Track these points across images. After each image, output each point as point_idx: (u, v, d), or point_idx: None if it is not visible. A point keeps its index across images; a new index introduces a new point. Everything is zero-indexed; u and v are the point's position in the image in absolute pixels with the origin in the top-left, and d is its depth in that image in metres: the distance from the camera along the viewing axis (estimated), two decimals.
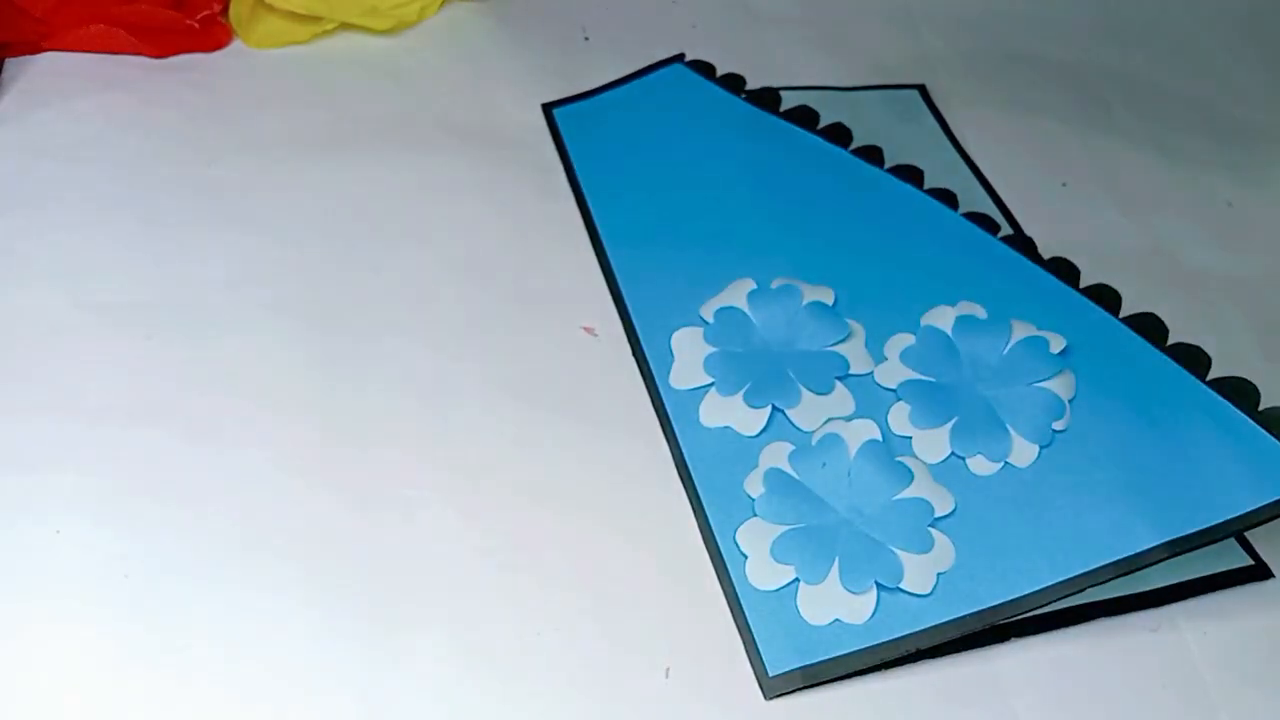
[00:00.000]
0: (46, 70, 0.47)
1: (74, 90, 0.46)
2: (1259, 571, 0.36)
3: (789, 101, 0.49)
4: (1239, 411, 0.37)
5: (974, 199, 0.48)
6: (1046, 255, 0.47)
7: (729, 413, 0.39)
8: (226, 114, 0.47)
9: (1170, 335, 0.45)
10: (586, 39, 0.54)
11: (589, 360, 0.41)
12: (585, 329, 0.42)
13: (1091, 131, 0.54)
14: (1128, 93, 0.56)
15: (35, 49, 0.47)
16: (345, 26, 0.51)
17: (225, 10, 0.50)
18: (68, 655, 0.31)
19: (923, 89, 0.53)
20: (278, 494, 0.35)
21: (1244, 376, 0.38)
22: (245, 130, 0.46)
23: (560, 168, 0.47)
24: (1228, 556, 0.36)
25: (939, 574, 0.34)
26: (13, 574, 0.32)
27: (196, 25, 0.48)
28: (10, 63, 0.47)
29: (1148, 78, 0.58)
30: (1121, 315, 0.40)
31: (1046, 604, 0.34)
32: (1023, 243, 0.42)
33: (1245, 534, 0.37)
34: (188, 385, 0.38)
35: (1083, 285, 0.42)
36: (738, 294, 0.41)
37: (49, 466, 0.35)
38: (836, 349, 0.40)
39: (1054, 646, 0.34)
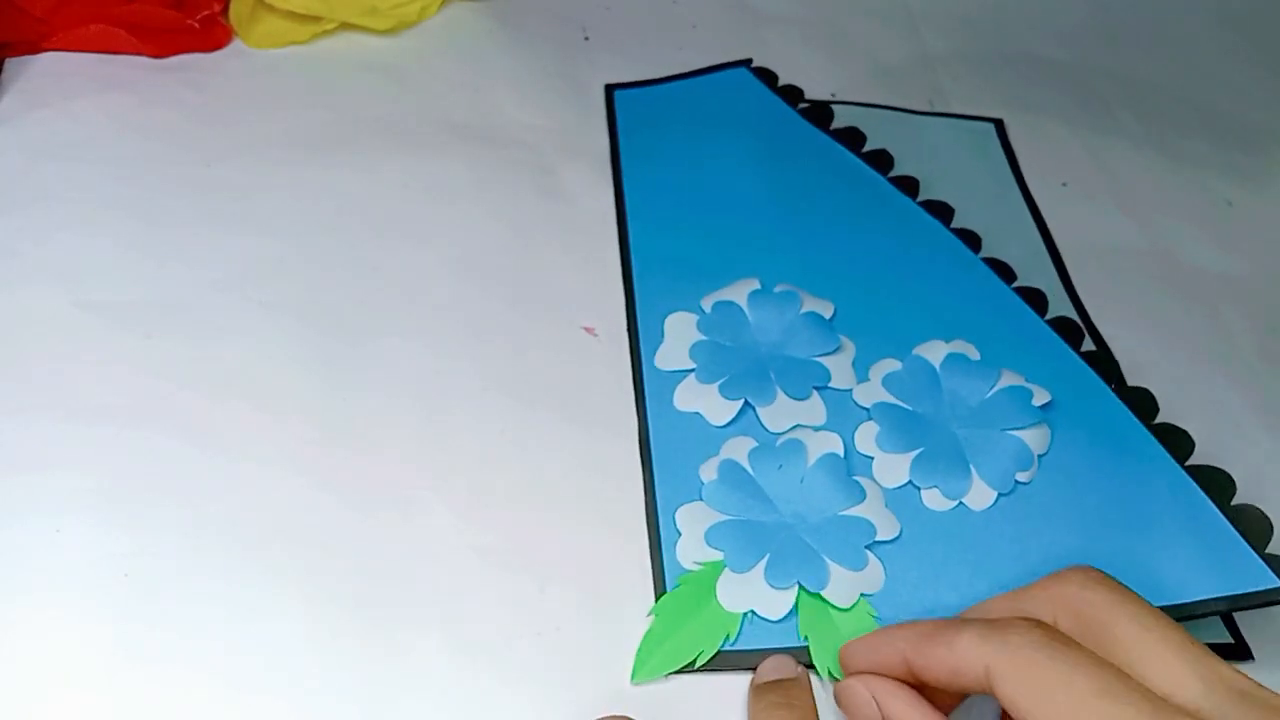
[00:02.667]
0: (46, 70, 0.47)
1: (74, 90, 0.46)
2: (1238, 651, 0.36)
3: (855, 117, 0.50)
4: (1210, 502, 0.36)
5: (1031, 253, 0.47)
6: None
7: (702, 399, 0.39)
8: (226, 114, 0.47)
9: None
10: (586, 39, 0.54)
11: (589, 360, 0.41)
12: (586, 329, 0.42)
13: (1091, 131, 0.54)
14: (1128, 93, 0.56)
15: (35, 49, 0.47)
16: (345, 26, 0.51)
17: (225, 10, 0.50)
18: (67, 654, 0.31)
19: (1000, 123, 0.53)
20: (277, 493, 0.35)
21: (1222, 467, 0.37)
22: (245, 130, 0.46)
23: (559, 169, 0.47)
24: (1207, 630, 0.36)
25: (863, 594, 0.34)
26: (12, 573, 0.32)
27: (196, 25, 0.48)
28: (10, 63, 0.47)
29: (1148, 78, 0.58)
30: (1115, 386, 0.40)
31: None
32: (1069, 327, 0.42)
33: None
34: (188, 384, 0.38)
35: (1081, 345, 0.42)
36: (739, 291, 0.42)
37: (49, 466, 0.35)
38: (822, 360, 0.40)
39: None
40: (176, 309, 0.40)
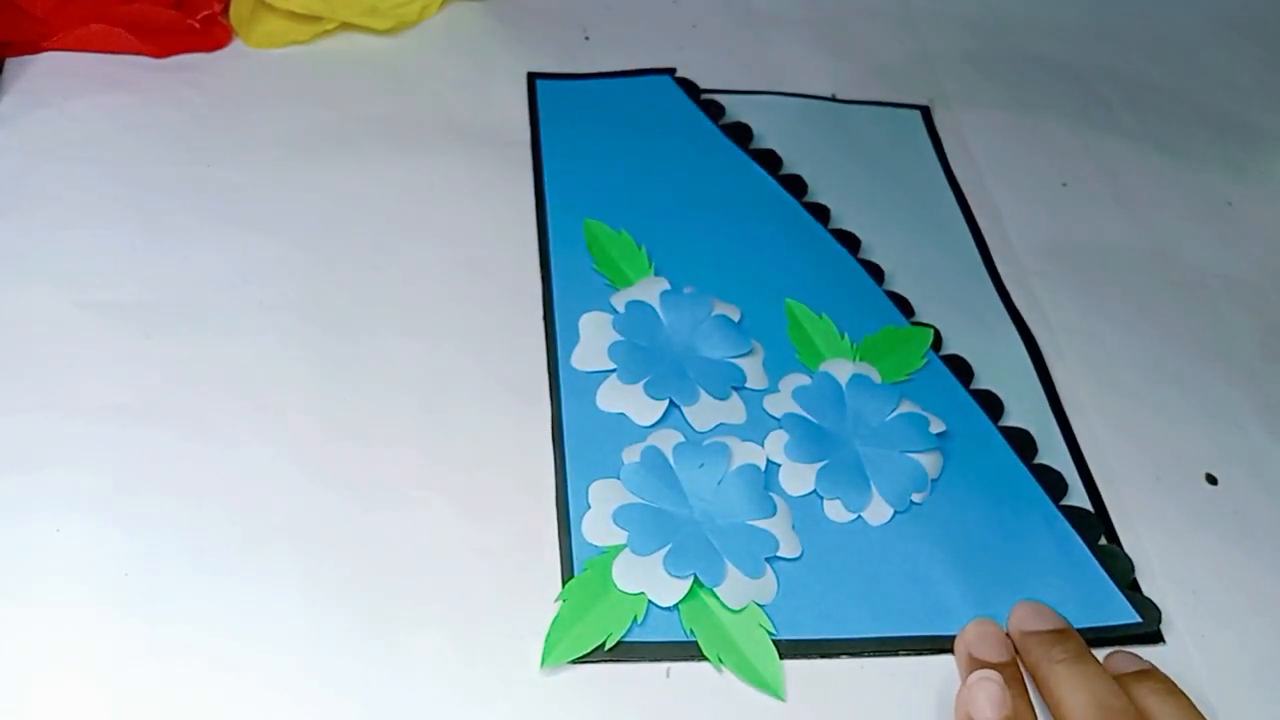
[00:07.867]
0: (46, 70, 0.47)
1: (74, 90, 0.46)
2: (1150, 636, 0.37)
3: (786, 108, 0.51)
4: (1080, 541, 0.38)
5: (960, 258, 0.47)
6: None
7: (627, 400, 0.39)
8: (226, 114, 0.47)
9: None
10: (586, 39, 0.54)
11: None
12: None
13: (1091, 131, 0.54)
14: (1128, 93, 0.57)
15: (35, 49, 0.47)
16: (345, 26, 0.51)
17: (225, 10, 0.50)
18: (68, 653, 0.31)
19: (926, 110, 0.53)
20: (278, 492, 0.35)
21: (1088, 510, 0.39)
22: (245, 130, 0.46)
23: None
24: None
25: (753, 601, 0.35)
26: (12, 573, 0.32)
27: (197, 25, 0.48)
28: (10, 63, 0.47)
29: (1148, 78, 0.58)
30: (1000, 424, 0.42)
31: (854, 654, 0.35)
32: (959, 364, 0.43)
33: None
34: (188, 384, 0.38)
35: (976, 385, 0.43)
36: (650, 291, 0.42)
37: (49, 465, 0.35)
38: (736, 361, 0.41)
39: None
40: (176, 309, 0.40)
